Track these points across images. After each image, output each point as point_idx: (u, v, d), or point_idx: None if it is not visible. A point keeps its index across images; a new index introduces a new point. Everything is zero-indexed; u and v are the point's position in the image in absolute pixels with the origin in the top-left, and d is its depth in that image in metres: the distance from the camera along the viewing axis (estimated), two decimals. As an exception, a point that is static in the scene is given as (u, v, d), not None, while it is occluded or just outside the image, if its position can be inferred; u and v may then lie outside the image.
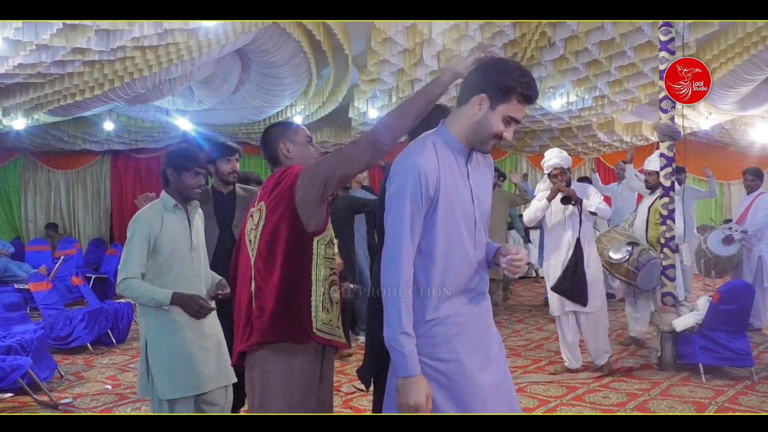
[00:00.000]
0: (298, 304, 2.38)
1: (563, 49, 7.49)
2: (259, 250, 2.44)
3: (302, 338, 2.39)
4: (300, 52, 7.22)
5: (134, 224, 3.20)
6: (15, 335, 5.53)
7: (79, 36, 5.36)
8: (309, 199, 2.36)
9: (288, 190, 2.38)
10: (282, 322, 2.37)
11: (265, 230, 2.44)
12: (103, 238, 12.52)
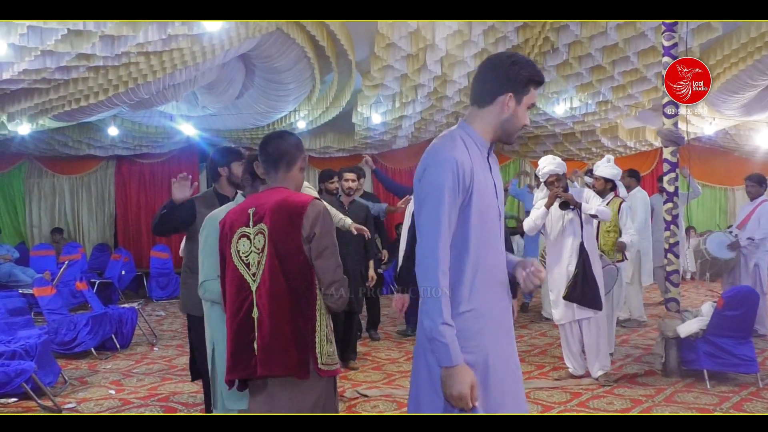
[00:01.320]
0: (304, 340, 2.38)
1: (567, 55, 7.49)
2: (263, 278, 2.41)
3: (307, 374, 2.39)
4: (303, 58, 7.23)
5: (206, 227, 3.22)
6: (19, 340, 5.53)
7: (84, 42, 5.39)
8: (314, 254, 2.42)
9: (301, 237, 2.38)
10: (290, 356, 2.37)
11: (271, 258, 2.40)
12: (107, 243, 12.54)
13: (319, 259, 2.38)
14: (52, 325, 6.59)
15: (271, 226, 2.40)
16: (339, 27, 6.82)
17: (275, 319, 2.36)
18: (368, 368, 6.07)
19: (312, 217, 2.36)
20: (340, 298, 2.46)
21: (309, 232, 2.36)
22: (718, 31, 6.71)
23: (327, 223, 2.41)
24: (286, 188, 2.52)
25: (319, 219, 2.37)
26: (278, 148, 2.56)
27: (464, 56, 7.31)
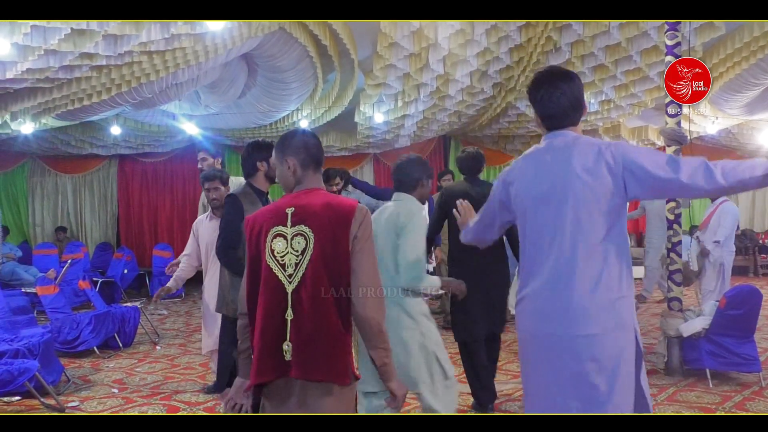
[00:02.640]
0: (346, 345, 2.32)
1: (569, 54, 7.49)
2: (304, 281, 2.31)
3: (348, 379, 2.32)
4: (306, 57, 7.23)
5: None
6: (22, 339, 5.55)
7: (87, 41, 5.39)
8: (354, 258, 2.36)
9: (349, 241, 2.33)
10: (334, 362, 2.30)
11: (316, 261, 2.31)
12: (109, 242, 12.56)
13: (353, 261, 2.32)
14: (55, 324, 6.61)
15: (318, 229, 2.33)
16: (341, 26, 6.82)
17: (319, 323, 2.29)
18: (370, 367, 6.07)
19: (359, 221, 2.32)
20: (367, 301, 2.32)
21: (353, 235, 2.32)
22: (721, 30, 6.70)
23: (369, 227, 2.37)
24: (324, 190, 2.49)
25: (364, 222, 2.33)
26: (320, 149, 2.56)
27: (467, 55, 7.31)
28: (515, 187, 2.50)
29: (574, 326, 2.29)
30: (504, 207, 2.59)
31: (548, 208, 2.38)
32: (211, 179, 4.87)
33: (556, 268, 2.34)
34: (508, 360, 6.26)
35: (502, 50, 7.44)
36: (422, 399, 3.59)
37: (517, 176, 2.51)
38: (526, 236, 2.48)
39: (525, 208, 2.45)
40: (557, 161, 2.40)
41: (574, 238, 2.32)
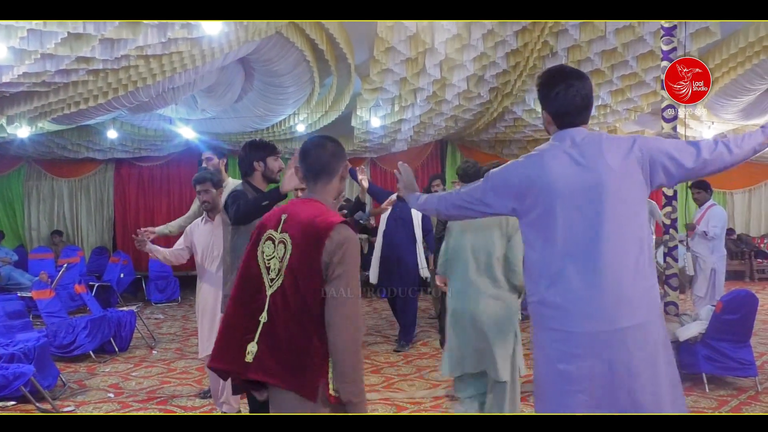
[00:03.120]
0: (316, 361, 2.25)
1: (565, 59, 7.51)
2: (282, 288, 2.31)
3: (314, 396, 2.25)
4: (303, 61, 7.24)
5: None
6: (18, 343, 5.53)
7: (84, 45, 5.39)
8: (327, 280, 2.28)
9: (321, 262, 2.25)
10: (298, 373, 2.25)
11: (290, 267, 2.30)
12: (106, 246, 12.54)
13: (329, 287, 2.24)
14: (51, 328, 6.59)
15: (294, 242, 2.33)
16: (338, 30, 6.83)
17: (290, 332, 2.27)
18: (367, 371, 6.06)
19: (334, 243, 2.24)
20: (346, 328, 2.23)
21: (329, 258, 2.24)
22: (717, 35, 6.73)
23: (351, 247, 2.28)
24: (320, 202, 2.42)
25: (342, 246, 2.25)
26: (319, 159, 2.46)
27: (463, 60, 7.32)
28: (540, 183, 2.41)
29: (624, 318, 2.31)
30: (515, 197, 2.48)
31: (584, 204, 2.35)
32: (202, 182, 4.85)
33: (599, 262, 2.33)
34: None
35: (499, 55, 7.46)
36: (500, 393, 3.68)
37: (540, 172, 2.43)
38: (550, 233, 2.40)
39: (553, 204, 2.38)
40: (588, 156, 2.40)
41: (614, 232, 2.33)
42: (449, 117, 9.71)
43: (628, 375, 2.32)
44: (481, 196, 2.58)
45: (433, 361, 6.28)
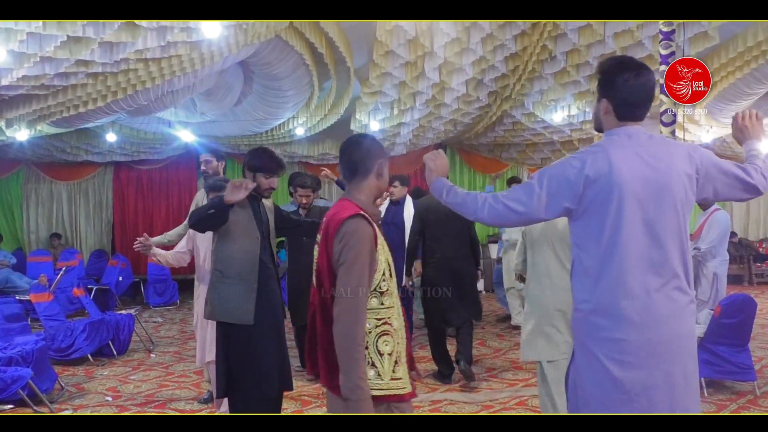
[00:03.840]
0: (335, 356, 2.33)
1: (564, 62, 7.52)
2: (315, 287, 2.48)
3: (337, 390, 2.33)
4: (302, 65, 7.24)
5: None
6: (16, 346, 5.53)
7: (83, 48, 5.39)
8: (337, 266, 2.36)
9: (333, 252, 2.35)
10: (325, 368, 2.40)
11: (317, 268, 2.46)
12: (104, 249, 12.52)
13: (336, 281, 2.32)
14: (49, 332, 6.58)
15: (319, 243, 2.47)
16: (338, 34, 6.84)
17: (322, 331, 2.40)
18: (366, 375, 6.05)
19: (341, 234, 2.31)
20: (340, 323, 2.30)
21: (336, 252, 2.32)
22: (715, 39, 6.73)
23: (354, 239, 2.30)
24: (351, 201, 2.45)
25: (346, 235, 2.30)
26: (352, 157, 2.49)
27: (462, 64, 7.33)
28: (604, 183, 2.28)
29: (678, 325, 2.29)
30: (573, 197, 2.33)
31: (650, 208, 2.27)
32: (217, 190, 4.88)
33: (664, 270, 2.28)
34: (504, 368, 6.26)
35: (498, 59, 7.46)
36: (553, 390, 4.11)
37: (607, 171, 2.30)
38: (610, 236, 2.28)
39: (617, 206, 2.27)
40: (658, 159, 2.31)
41: (678, 240, 2.29)
42: (448, 121, 9.72)
43: (685, 383, 2.30)
44: (532, 198, 2.37)
45: (431, 365, 6.27)
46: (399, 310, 2.47)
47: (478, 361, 6.55)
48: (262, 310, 3.73)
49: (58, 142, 10.21)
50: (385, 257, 2.42)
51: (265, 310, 3.74)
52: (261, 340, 3.73)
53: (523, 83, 8.32)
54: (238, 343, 3.68)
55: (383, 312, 2.40)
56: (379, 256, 2.38)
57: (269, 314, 3.76)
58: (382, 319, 2.39)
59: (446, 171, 2.62)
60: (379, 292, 2.39)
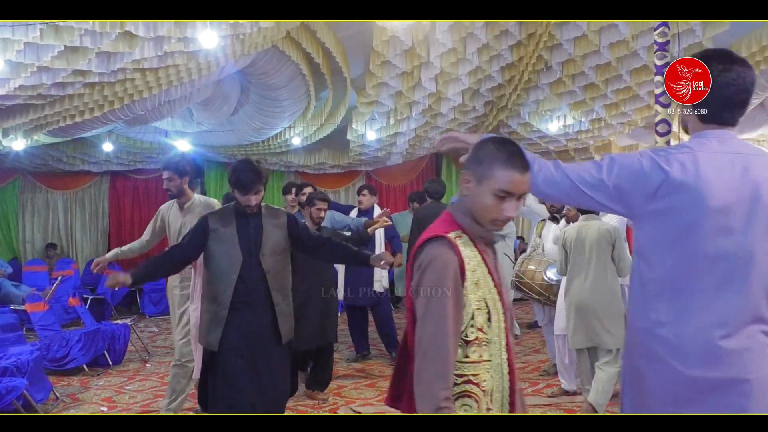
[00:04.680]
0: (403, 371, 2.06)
1: (560, 73, 7.56)
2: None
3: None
4: (299, 75, 7.27)
5: None
6: (11, 356, 5.50)
7: (80, 58, 5.41)
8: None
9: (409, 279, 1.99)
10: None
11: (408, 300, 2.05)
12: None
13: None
14: (44, 342, 6.56)
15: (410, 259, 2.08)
16: (334, 44, 6.87)
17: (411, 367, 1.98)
18: (362, 385, 6.05)
19: (419, 260, 1.93)
20: (419, 383, 1.86)
21: (414, 277, 1.94)
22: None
23: (429, 270, 1.88)
24: (451, 213, 2.03)
25: (422, 264, 1.90)
26: (478, 154, 1.99)
27: (459, 74, 7.37)
28: (688, 188, 1.93)
29: (752, 367, 1.91)
30: (647, 196, 1.98)
31: (731, 229, 1.91)
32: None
33: (739, 302, 1.90)
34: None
35: (494, 69, 7.50)
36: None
37: (693, 175, 1.94)
38: (686, 248, 1.94)
39: (699, 215, 1.92)
40: (750, 170, 1.94)
41: (762, 258, 1.91)
42: (444, 130, 9.74)
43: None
44: (596, 182, 2.05)
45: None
46: (501, 366, 1.96)
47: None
48: (235, 335, 3.54)
49: (55, 152, 10.21)
50: (480, 296, 1.92)
51: (238, 337, 3.54)
52: (226, 367, 3.54)
53: (519, 93, 8.36)
54: (207, 365, 3.64)
55: (468, 367, 1.90)
56: (469, 294, 1.89)
57: (242, 341, 3.55)
58: (465, 377, 1.90)
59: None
60: (463, 340, 1.89)
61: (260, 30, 5.79)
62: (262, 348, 3.60)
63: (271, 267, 3.64)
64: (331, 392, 5.73)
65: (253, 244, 3.62)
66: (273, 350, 3.64)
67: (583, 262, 4.88)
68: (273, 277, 3.65)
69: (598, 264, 4.83)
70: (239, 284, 3.56)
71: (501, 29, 6.57)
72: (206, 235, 3.63)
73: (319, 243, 3.93)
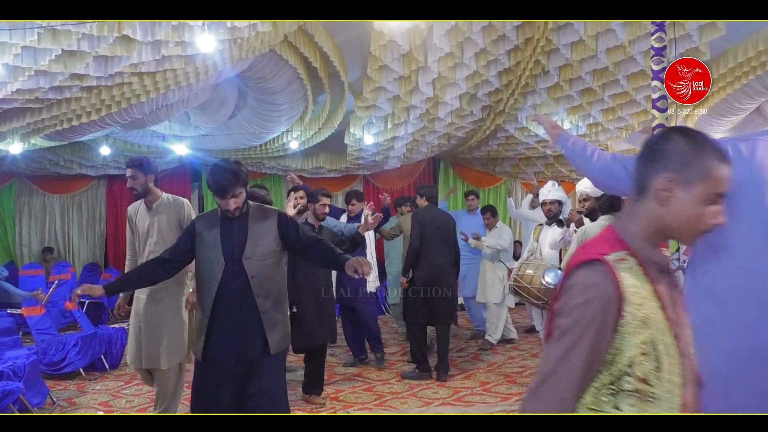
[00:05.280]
0: None
1: (557, 77, 7.57)
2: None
3: None
4: (296, 79, 7.28)
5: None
6: (7, 360, 5.49)
7: (78, 62, 5.41)
8: None
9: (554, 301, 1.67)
10: None
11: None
12: (97, 262, 12.47)
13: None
14: (41, 346, 6.54)
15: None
16: (332, 48, 6.87)
17: None
18: (359, 390, 6.04)
19: (568, 285, 1.57)
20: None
21: (558, 301, 1.60)
22: (707, 55, 6.80)
23: (577, 300, 1.52)
24: (613, 229, 1.65)
25: (571, 290, 1.55)
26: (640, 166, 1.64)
27: (456, 78, 7.38)
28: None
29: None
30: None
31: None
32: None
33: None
34: (497, 382, 6.25)
35: (491, 73, 7.51)
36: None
37: (743, 161, 1.90)
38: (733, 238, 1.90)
39: (752, 203, 1.90)
40: None
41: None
42: (442, 135, 9.76)
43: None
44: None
45: (424, 378, 6.28)
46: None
47: (471, 375, 6.54)
48: (218, 344, 3.41)
49: (52, 155, 10.20)
50: (647, 337, 1.51)
51: (221, 345, 3.40)
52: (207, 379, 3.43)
53: (516, 98, 8.38)
54: (194, 376, 3.56)
55: None
56: (629, 334, 1.50)
57: (226, 350, 3.40)
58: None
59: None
60: (617, 388, 1.54)
61: (258, 34, 5.80)
62: (247, 358, 3.41)
63: (256, 272, 3.42)
64: (329, 397, 5.72)
65: (236, 248, 3.43)
66: (261, 362, 3.42)
67: None
68: (259, 282, 3.43)
69: None
70: (221, 290, 3.38)
71: (498, 34, 6.59)
72: (193, 240, 3.52)
73: (308, 244, 3.66)
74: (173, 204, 4.70)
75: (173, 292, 4.55)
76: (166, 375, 4.57)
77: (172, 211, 4.64)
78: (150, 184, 4.67)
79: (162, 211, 4.63)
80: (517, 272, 5.95)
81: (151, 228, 4.61)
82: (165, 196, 4.74)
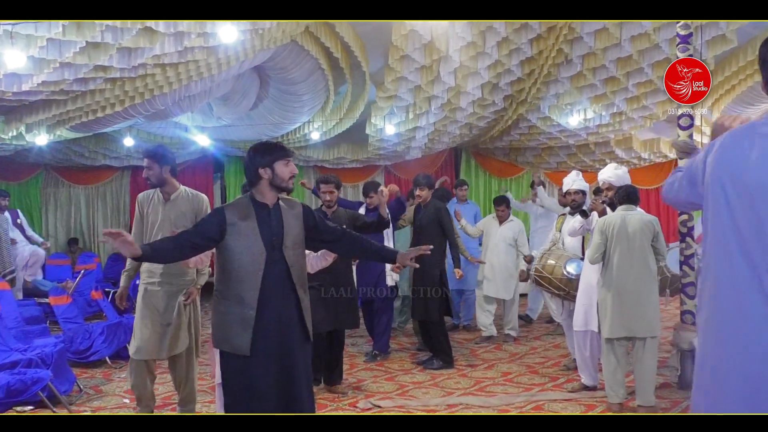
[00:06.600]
0: None
1: (580, 66, 7.50)
2: None
3: None
4: (318, 69, 7.28)
5: None
6: (35, 348, 5.59)
7: (102, 54, 5.46)
8: None
9: None
10: None
11: None
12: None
13: None
14: (68, 334, 6.64)
15: None
16: (353, 38, 6.86)
17: None
18: (381, 379, 6.06)
19: None
20: None
21: None
22: (733, 42, 6.69)
23: None
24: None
25: None
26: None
27: (478, 68, 7.33)
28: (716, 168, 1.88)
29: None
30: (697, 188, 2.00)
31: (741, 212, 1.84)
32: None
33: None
34: (519, 373, 6.24)
35: (514, 63, 7.46)
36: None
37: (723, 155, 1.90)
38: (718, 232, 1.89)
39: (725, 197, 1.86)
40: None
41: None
42: (463, 125, 9.71)
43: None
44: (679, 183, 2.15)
45: (446, 368, 6.28)
46: None
47: (493, 365, 6.53)
48: (264, 337, 3.29)
49: (77, 147, 10.32)
50: None
51: (267, 338, 3.29)
52: (253, 375, 3.28)
53: (538, 87, 8.31)
54: (232, 373, 3.33)
55: None
56: None
57: (272, 342, 3.30)
58: None
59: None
60: None
61: (279, 25, 5.81)
62: (291, 349, 3.37)
63: (294, 261, 3.38)
64: (351, 386, 5.75)
65: (275, 237, 3.35)
66: (300, 351, 3.41)
67: (626, 249, 4.94)
68: (296, 271, 3.40)
69: (641, 252, 4.95)
70: (265, 281, 3.29)
71: (520, 23, 6.53)
72: (222, 229, 3.33)
73: (337, 236, 3.60)
74: (192, 199, 4.67)
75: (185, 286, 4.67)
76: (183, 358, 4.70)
77: (189, 206, 4.62)
78: (166, 174, 4.63)
79: (179, 204, 4.61)
80: (539, 262, 5.91)
81: (163, 222, 4.56)
82: (183, 189, 4.71)
